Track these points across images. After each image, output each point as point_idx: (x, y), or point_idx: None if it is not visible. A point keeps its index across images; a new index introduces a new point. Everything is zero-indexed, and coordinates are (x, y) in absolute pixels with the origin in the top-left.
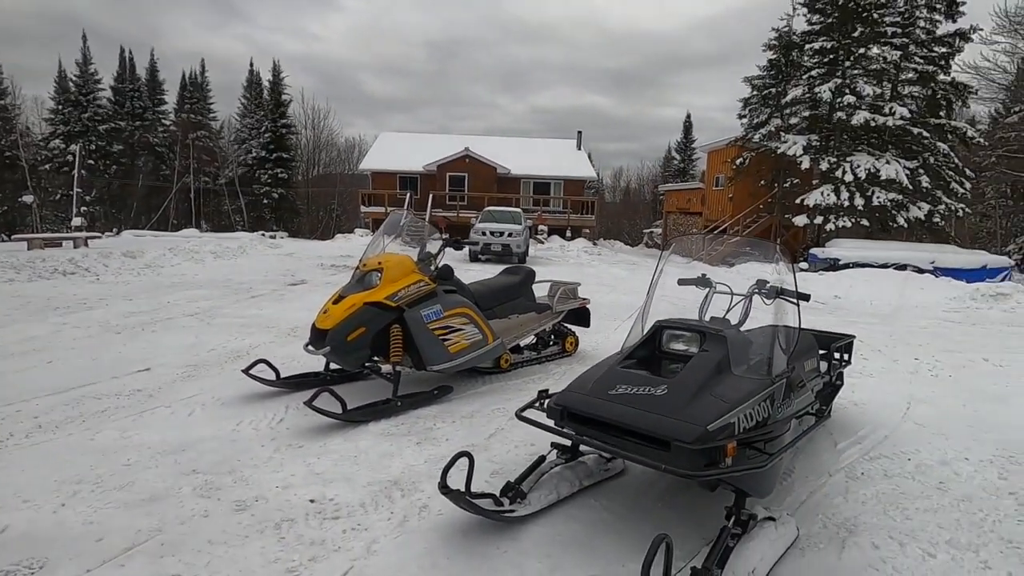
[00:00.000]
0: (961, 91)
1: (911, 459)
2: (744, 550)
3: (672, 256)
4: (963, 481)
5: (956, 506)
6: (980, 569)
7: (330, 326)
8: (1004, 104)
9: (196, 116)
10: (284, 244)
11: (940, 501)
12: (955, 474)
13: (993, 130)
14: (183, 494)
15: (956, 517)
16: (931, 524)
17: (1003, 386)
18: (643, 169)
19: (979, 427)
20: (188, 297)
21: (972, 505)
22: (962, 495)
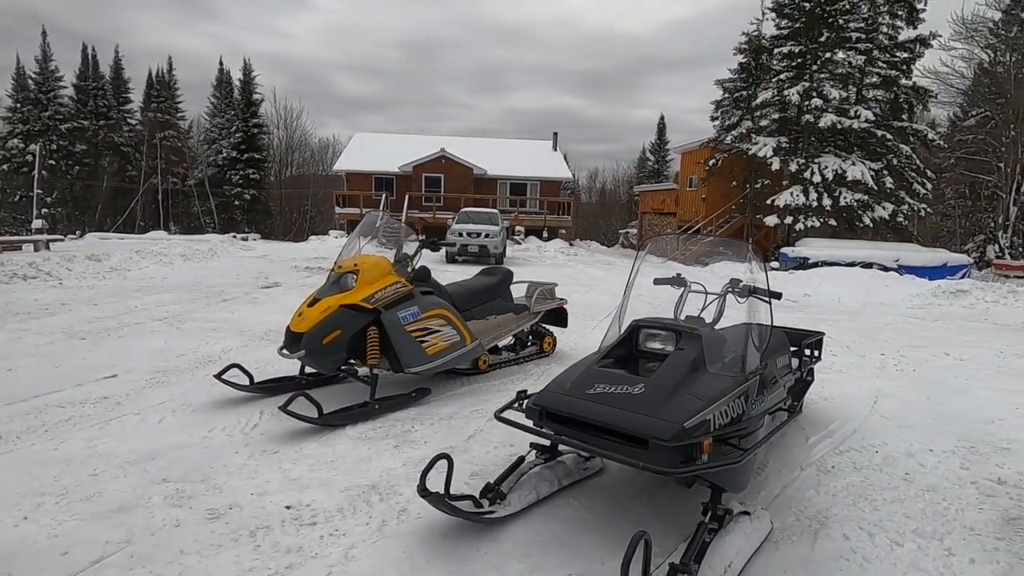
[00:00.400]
0: (922, 95)
1: (878, 451)
2: (721, 545)
3: (648, 256)
4: (927, 472)
5: (921, 496)
6: (944, 556)
7: (305, 329)
8: (962, 108)
9: (163, 115)
10: (256, 246)
11: (906, 492)
12: (920, 465)
13: (952, 133)
14: (153, 504)
15: (921, 507)
16: (898, 514)
17: (963, 379)
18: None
19: (942, 419)
20: (156, 301)
21: (936, 495)
22: (927, 485)
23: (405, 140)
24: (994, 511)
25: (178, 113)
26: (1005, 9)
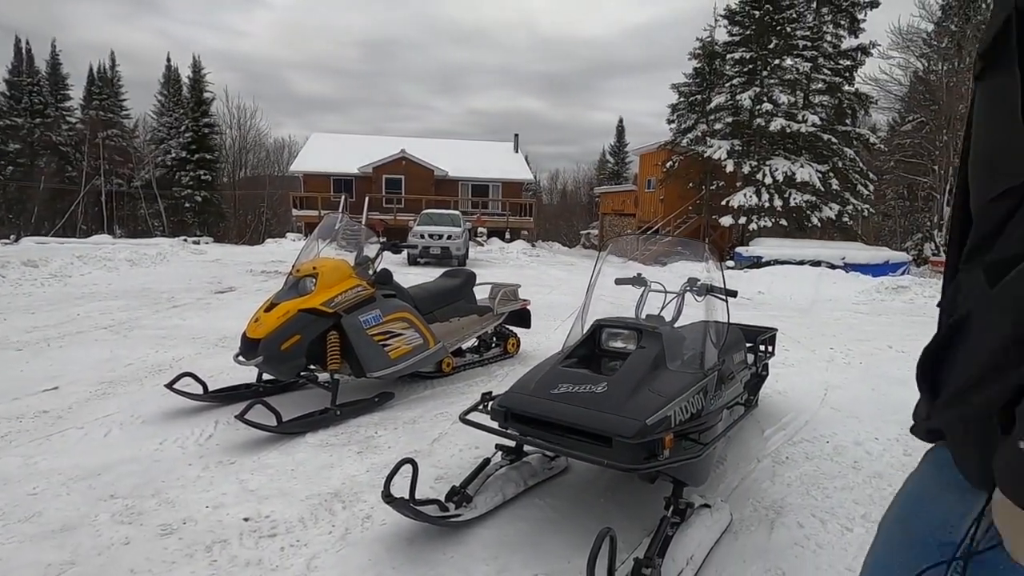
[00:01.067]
0: (863, 101)
1: (829, 441)
2: (683, 538)
3: (609, 256)
4: (874, 459)
5: (869, 483)
6: None
7: (262, 335)
8: (900, 113)
9: (106, 113)
10: (209, 250)
11: (855, 479)
12: (867, 453)
13: (891, 137)
14: (100, 522)
15: (869, 493)
16: (848, 501)
17: (905, 370)
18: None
19: (886, 409)
20: (101, 308)
21: (882, 481)
22: (873, 472)
23: (364, 141)
24: None
25: (122, 111)
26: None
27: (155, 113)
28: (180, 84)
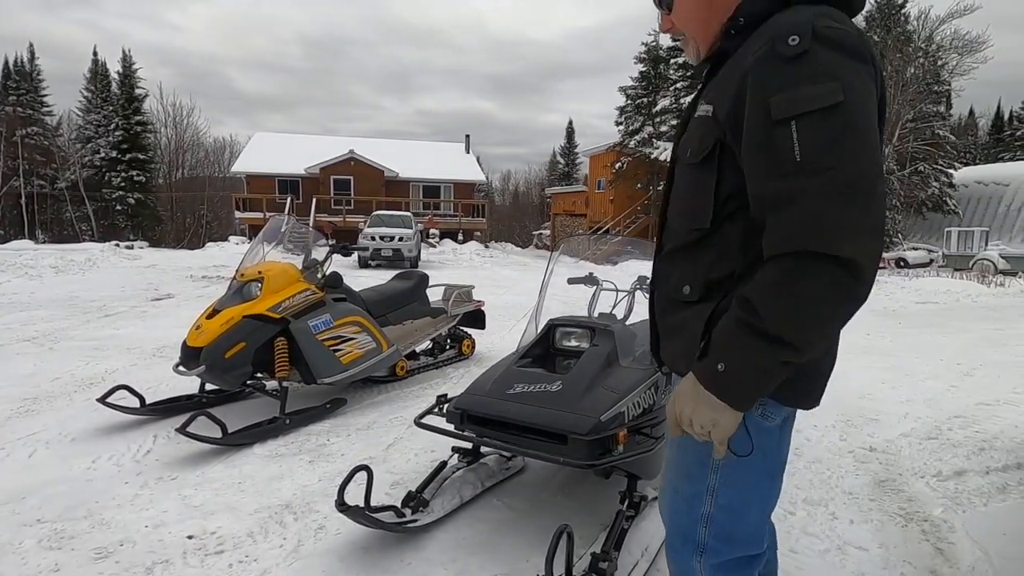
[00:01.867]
0: None
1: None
2: (638, 530)
3: (561, 256)
4: (813, 445)
5: (809, 468)
6: (829, 520)
7: (204, 343)
8: None
9: (25, 109)
10: (144, 255)
11: (796, 465)
12: (807, 440)
13: None
14: (25, 548)
15: (809, 478)
16: (790, 486)
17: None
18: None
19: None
20: (23, 319)
21: (821, 466)
22: (813, 458)
23: (311, 141)
24: (867, 475)
25: (44, 108)
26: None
27: (81, 110)
28: (109, 80)
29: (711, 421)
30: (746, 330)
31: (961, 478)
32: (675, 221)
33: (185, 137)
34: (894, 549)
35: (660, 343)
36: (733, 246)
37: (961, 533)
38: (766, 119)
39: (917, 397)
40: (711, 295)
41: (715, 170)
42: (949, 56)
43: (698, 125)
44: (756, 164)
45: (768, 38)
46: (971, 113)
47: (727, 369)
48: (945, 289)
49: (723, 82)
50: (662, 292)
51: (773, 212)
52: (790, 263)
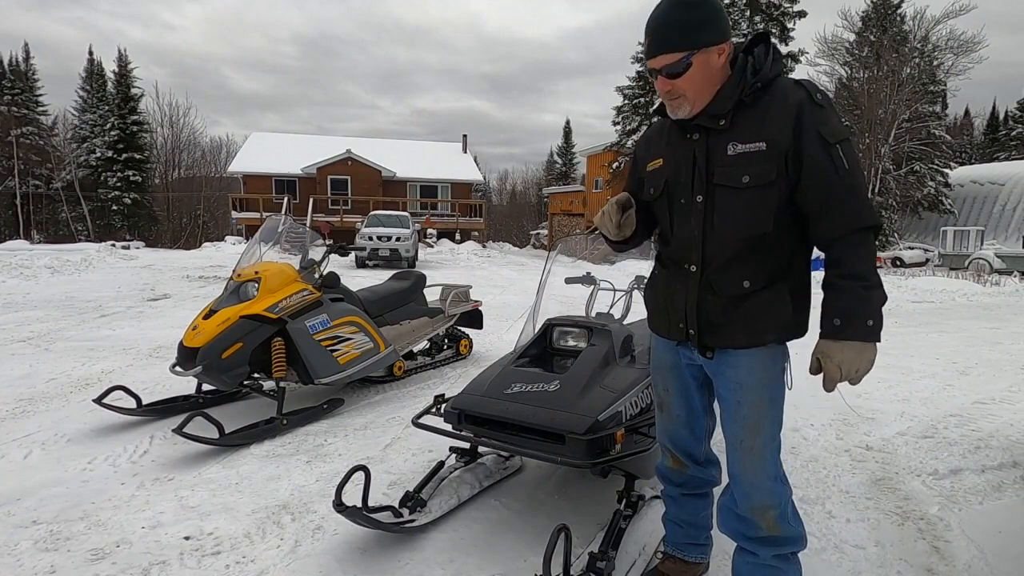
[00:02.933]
0: None
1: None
2: (635, 529)
3: (559, 256)
4: (810, 444)
5: (806, 466)
6: (826, 518)
7: (201, 344)
8: None
9: (20, 109)
10: (140, 255)
11: (794, 463)
12: (804, 439)
13: None
14: (21, 551)
15: (806, 476)
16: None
17: None
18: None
19: (819, 396)
20: (18, 320)
21: (818, 464)
22: (810, 456)
23: (307, 140)
24: (864, 474)
25: (39, 107)
26: (858, 32)
27: (76, 110)
28: (104, 79)
29: (869, 362)
30: (869, 291)
31: (957, 476)
32: (729, 233)
33: (181, 137)
34: (890, 547)
35: (717, 331)
36: (785, 242)
37: (957, 531)
38: (824, 142)
39: (913, 396)
40: (772, 281)
41: (776, 188)
42: (945, 56)
43: (755, 157)
44: (817, 173)
45: (803, 92)
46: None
47: (875, 322)
48: (941, 288)
49: (763, 124)
50: (718, 293)
51: (839, 203)
52: (866, 236)
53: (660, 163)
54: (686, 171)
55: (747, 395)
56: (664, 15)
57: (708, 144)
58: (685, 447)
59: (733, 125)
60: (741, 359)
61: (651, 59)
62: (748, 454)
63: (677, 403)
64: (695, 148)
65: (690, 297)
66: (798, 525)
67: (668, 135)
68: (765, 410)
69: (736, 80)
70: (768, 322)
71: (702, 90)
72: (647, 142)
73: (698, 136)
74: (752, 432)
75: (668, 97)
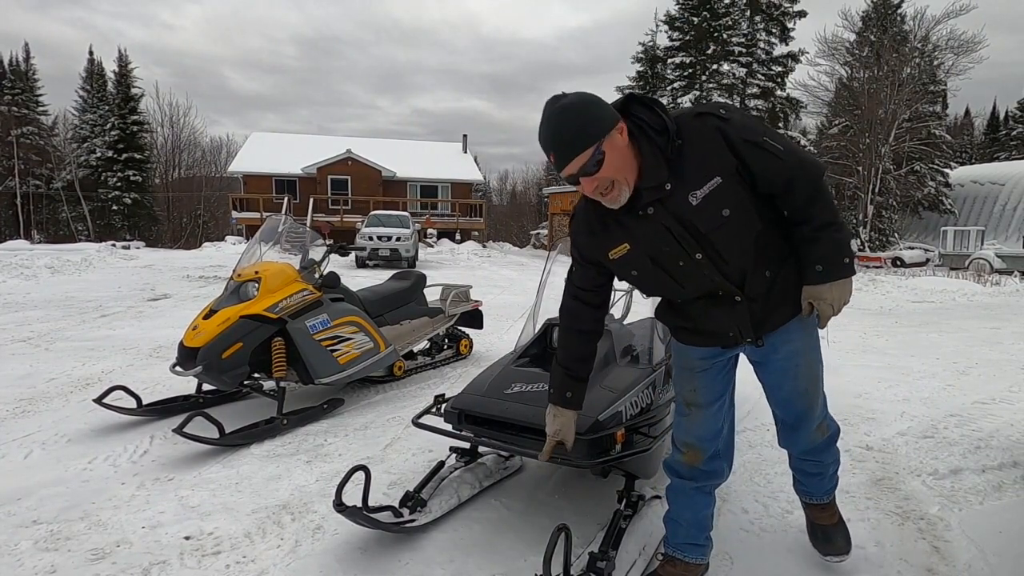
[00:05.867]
0: (794, 105)
1: (769, 429)
2: (635, 529)
3: (559, 256)
4: None
5: None
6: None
7: (201, 343)
8: (827, 117)
9: (20, 109)
10: (140, 255)
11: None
12: None
13: (820, 140)
14: (21, 550)
15: None
16: (788, 485)
17: (836, 359)
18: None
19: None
20: (18, 320)
21: None
22: None
23: (307, 140)
24: (864, 474)
25: (39, 107)
26: (858, 32)
27: (77, 110)
28: (104, 79)
29: (850, 293)
30: (839, 233)
31: (957, 476)
32: (739, 256)
33: (181, 137)
34: (890, 547)
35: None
36: (775, 222)
37: (957, 531)
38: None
39: (913, 396)
40: (784, 258)
41: (751, 202)
42: (945, 56)
43: (719, 194)
44: (768, 168)
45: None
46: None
47: (850, 258)
48: (941, 288)
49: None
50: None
51: (794, 177)
52: (820, 186)
53: (626, 248)
54: (669, 243)
55: (805, 357)
56: (556, 128)
57: (670, 210)
58: (709, 442)
59: (677, 181)
60: (791, 332)
61: (566, 169)
62: (810, 398)
63: (706, 400)
64: (663, 220)
65: (740, 315)
66: (832, 420)
67: (613, 219)
68: (817, 363)
69: (648, 147)
70: (796, 291)
71: (626, 168)
72: (587, 230)
73: (653, 210)
74: (813, 382)
75: (601, 192)
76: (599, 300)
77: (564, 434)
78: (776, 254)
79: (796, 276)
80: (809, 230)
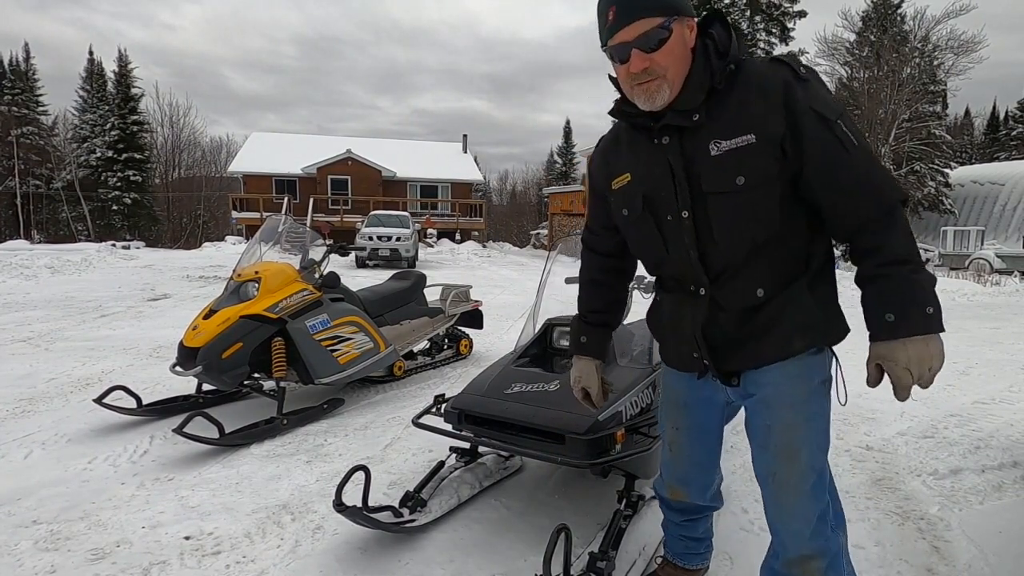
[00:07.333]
0: None
1: None
2: (635, 529)
3: (559, 256)
4: None
5: None
6: None
7: (201, 343)
8: None
9: (20, 109)
10: (140, 255)
11: None
12: None
13: None
14: (21, 550)
15: None
16: None
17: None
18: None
19: None
20: (18, 320)
21: None
22: None
23: (307, 140)
24: (864, 474)
25: (39, 107)
26: (858, 31)
27: (77, 110)
28: (104, 79)
29: (940, 356)
30: (918, 274)
31: (957, 476)
32: (733, 244)
33: (181, 137)
34: (891, 547)
35: (736, 351)
36: (799, 235)
37: (957, 531)
38: (823, 120)
39: (913, 395)
40: (790, 282)
41: (779, 181)
42: (945, 56)
43: (743, 156)
44: (825, 156)
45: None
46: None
47: (934, 308)
48: (941, 288)
49: (746, 113)
50: (728, 308)
51: (857, 184)
52: (897, 212)
53: (627, 179)
54: (665, 183)
55: (778, 414)
56: None
57: (683, 147)
58: (693, 485)
59: (710, 119)
60: (769, 376)
61: (622, 30)
62: (783, 488)
63: (689, 441)
64: (670, 157)
65: (696, 319)
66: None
67: (628, 144)
68: (801, 431)
69: (701, 65)
70: (792, 326)
71: (679, 70)
72: (602, 158)
73: (668, 140)
74: (786, 459)
75: (643, 79)
76: (605, 248)
77: (585, 381)
78: (783, 274)
79: (802, 314)
80: (874, 265)
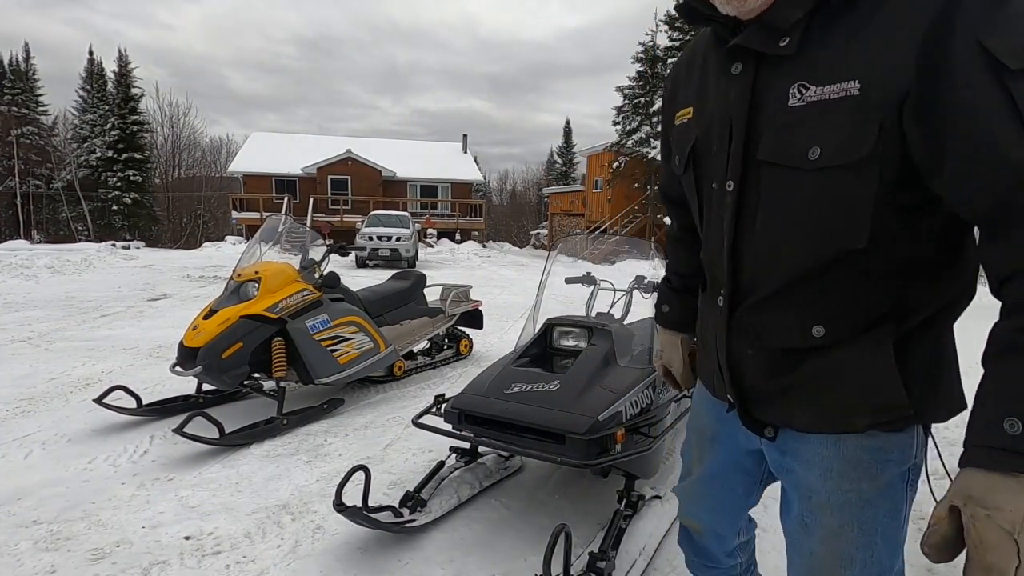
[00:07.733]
0: None
1: None
2: (635, 529)
3: (559, 256)
4: None
5: None
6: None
7: (201, 343)
8: None
9: (20, 109)
10: (140, 255)
11: None
12: None
13: None
14: (21, 550)
15: None
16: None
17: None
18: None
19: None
20: (18, 319)
21: None
22: None
23: (307, 140)
24: None
25: (39, 107)
26: None
27: (77, 110)
28: (104, 79)
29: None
30: None
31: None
32: (788, 247)
33: (182, 137)
34: None
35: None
36: (894, 260)
37: None
38: (994, 64)
39: None
40: (868, 328)
41: (878, 168)
42: None
43: (838, 110)
44: (978, 132)
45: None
46: None
47: None
48: None
49: (859, 48)
50: (765, 341)
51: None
52: None
53: (689, 114)
54: (719, 134)
55: (820, 514)
56: None
57: (756, 84)
58: (705, 529)
59: (803, 50)
60: (815, 449)
61: None
62: None
63: (701, 483)
64: (736, 94)
65: (719, 344)
66: None
67: (704, 64)
68: (856, 540)
69: None
70: (856, 394)
71: None
72: (672, 82)
73: (741, 68)
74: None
75: None
76: (677, 194)
77: (667, 357)
78: (861, 313)
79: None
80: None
